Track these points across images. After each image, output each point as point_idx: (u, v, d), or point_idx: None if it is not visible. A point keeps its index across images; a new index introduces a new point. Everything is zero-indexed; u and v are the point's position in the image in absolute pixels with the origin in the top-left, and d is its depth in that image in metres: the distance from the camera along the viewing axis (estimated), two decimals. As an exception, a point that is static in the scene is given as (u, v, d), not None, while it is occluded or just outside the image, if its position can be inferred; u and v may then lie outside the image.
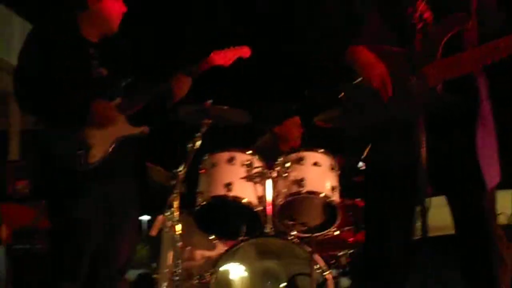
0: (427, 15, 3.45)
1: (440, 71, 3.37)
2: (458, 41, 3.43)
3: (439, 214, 3.38)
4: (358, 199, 5.80)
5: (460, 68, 3.36)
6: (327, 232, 5.09)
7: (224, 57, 4.89)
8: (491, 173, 3.47)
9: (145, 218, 10.61)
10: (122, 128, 4.58)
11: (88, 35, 4.57)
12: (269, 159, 5.20)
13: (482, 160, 3.44)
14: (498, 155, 3.55)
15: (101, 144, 4.47)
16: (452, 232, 3.62)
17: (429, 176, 2.99)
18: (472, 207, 3.47)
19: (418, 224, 3.07)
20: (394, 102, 3.47)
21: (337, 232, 5.29)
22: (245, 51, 5.04)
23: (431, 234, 2.96)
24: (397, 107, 3.45)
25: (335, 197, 4.99)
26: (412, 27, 3.20)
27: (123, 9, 4.62)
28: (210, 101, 5.17)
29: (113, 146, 4.51)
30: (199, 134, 5.11)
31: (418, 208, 3.11)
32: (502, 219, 5.32)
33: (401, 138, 3.39)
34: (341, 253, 5.58)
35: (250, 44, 5.01)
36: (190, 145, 5.06)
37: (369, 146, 3.61)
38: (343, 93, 3.74)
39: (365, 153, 3.61)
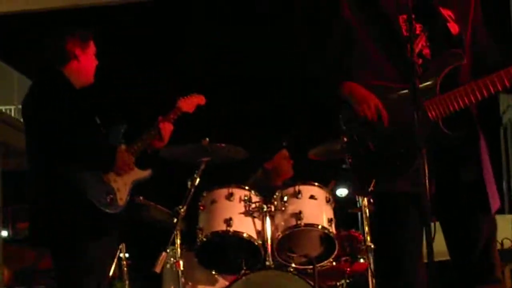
0: (426, 51, 3.54)
1: (440, 105, 3.46)
2: (453, 77, 3.51)
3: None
4: (353, 230, 5.90)
5: (458, 101, 3.44)
6: (325, 263, 5.20)
7: (188, 105, 5.20)
8: (494, 199, 3.56)
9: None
10: (134, 172, 4.75)
11: (80, 83, 4.74)
12: (262, 195, 5.29)
13: (487, 186, 3.54)
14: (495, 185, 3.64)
15: (123, 187, 4.64)
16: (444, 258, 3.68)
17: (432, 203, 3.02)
18: (477, 231, 3.55)
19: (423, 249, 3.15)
20: (395, 135, 3.53)
21: (335, 263, 5.40)
22: (201, 99, 5.33)
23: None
24: (399, 138, 3.51)
25: (332, 229, 5.10)
26: (412, 63, 3.18)
27: (96, 62, 4.81)
28: (207, 139, 5.32)
29: (131, 189, 4.70)
30: (198, 172, 5.27)
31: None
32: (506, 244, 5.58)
33: (405, 168, 3.43)
34: (339, 284, 5.70)
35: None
36: (189, 182, 5.21)
37: (374, 180, 3.59)
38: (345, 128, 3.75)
39: (371, 186, 3.59)
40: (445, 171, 3.46)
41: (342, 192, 7.00)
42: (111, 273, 5.44)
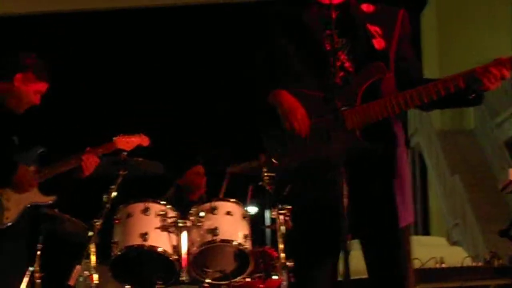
0: (348, 64, 3.60)
1: (358, 116, 3.48)
2: (376, 90, 3.56)
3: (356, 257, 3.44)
4: (267, 247, 5.99)
5: (376, 113, 3.49)
6: (239, 279, 5.27)
7: (126, 143, 5.25)
8: (405, 213, 3.58)
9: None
10: (34, 195, 4.76)
11: (13, 107, 4.79)
12: (179, 210, 5.32)
13: (397, 201, 3.55)
14: (411, 198, 3.69)
15: (15, 207, 4.65)
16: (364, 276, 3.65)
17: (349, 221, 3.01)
18: (387, 246, 3.57)
19: (340, 267, 3.17)
20: (315, 145, 3.54)
21: (248, 279, 5.44)
22: (145, 140, 5.38)
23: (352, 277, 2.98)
24: (319, 150, 3.51)
25: (247, 245, 5.15)
26: (333, 75, 3.25)
27: (34, 101, 4.83)
28: (125, 153, 5.33)
29: (23, 210, 4.70)
30: (114, 185, 5.27)
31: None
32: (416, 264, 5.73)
33: (322, 182, 3.40)
34: (251, 300, 5.65)
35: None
36: (106, 196, 5.21)
37: (289, 187, 3.63)
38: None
39: (285, 192, 3.63)
40: (359, 184, 3.42)
41: (252, 209, 7.11)
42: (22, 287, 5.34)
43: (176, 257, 5.09)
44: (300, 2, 3.76)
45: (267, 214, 5.34)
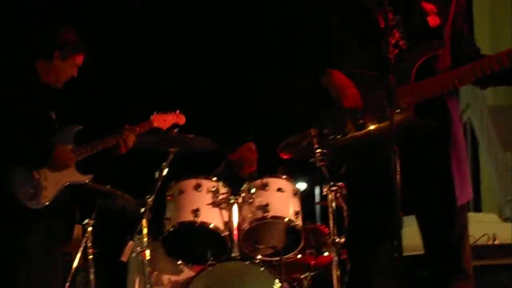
0: (402, 42, 3.64)
1: (412, 93, 3.53)
2: (430, 67, 3.60)
3: (409, 233, 3.46)
4: (319, 223, 6.02)
5: (431, 90, 3.53)
6: (291, 255, 5.30)
7: (163, 121, 5.29)
8: (463, 191, 3.60)
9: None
10: (71, 174, 4.77)
11: (48, 82, 4.81)
12: (230, 186, 5.35)
13: (454, 179, 3.58)
14: (469, 175, 3.72)
15: (52, 186, 4.66)
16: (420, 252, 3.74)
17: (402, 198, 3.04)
18: (444, 223, 3.61)
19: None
20: (369, 123, 3.60)
21: (299, 256, 5.50)
22: (181, 119, 5.43)
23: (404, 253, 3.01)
24: (372, 129, 3.58)
25: (299, 222, 5.17)
26: (387, 53, 3.28)
27: (72, 74, 4.88)
28: (176, 130, 5.37)
29: (61, 190, 4.71)
30: (166, 162, 5.28)
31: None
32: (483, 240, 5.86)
33: (377, 160, 3.42)
34: (303, 276, 5.71)
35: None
36: (157, 172, 5.23)
37: (345, 166, 3.70)
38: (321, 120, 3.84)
39: (341, 171, 3.70)
40: (414, 161, 3.46)
41: (301, 186, 7.00)
42: (75, 263, 5.53)
43: (228, 233, 5.15)
44: None
45: (317, 190, 5.29)
